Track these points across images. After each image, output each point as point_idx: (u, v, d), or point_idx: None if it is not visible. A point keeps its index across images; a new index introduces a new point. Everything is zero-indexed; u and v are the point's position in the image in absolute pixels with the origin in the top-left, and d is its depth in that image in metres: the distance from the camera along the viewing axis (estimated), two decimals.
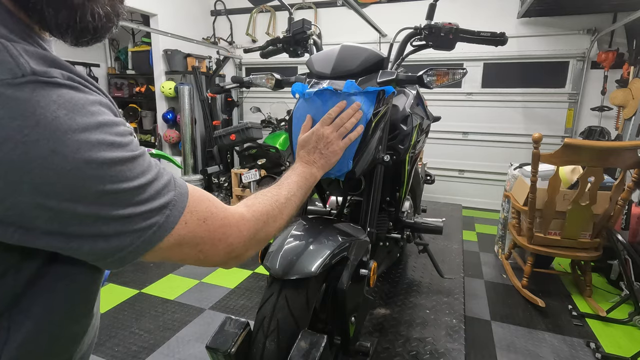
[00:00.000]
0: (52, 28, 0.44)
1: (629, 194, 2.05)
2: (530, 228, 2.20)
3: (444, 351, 1.46)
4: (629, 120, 3.13)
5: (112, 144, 0.41)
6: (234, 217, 0.57)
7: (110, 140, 0.41)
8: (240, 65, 5.13)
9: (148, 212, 0.45)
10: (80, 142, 0.38)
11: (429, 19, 1.35)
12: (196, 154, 4.47)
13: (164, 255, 0.49)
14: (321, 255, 0.94)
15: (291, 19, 1.56)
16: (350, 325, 1.05)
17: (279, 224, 0.68)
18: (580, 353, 1.84)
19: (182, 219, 0.48)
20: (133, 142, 0.45)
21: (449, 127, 4.24)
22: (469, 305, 2.19)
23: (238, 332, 0.84)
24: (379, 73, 1.20)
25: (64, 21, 0.43)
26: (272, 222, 0.65)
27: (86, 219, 0.41)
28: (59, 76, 0.39)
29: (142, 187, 0.44)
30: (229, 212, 0.57)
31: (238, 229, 0.57)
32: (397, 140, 1.36)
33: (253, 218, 0.60)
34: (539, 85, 3.94)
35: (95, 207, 0.40)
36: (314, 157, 0.93)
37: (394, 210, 1.59)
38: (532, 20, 3.83)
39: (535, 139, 2.00)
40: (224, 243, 0.55)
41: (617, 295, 2.26)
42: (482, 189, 4.34)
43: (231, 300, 2.25)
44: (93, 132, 0.40)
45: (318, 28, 1.64)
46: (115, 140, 0.42)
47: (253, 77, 1.43)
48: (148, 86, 4.81)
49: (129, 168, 0.43)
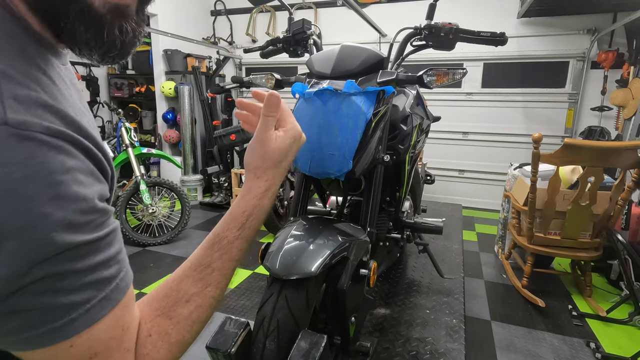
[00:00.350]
0: (82, 46, 0.44)
1: (629, 194, 2.05)
2: (530, 228, 2.20)
3: (444, 351, 1.46)
4: (629, 120, 3.13)
5: (68, 223, 0.36)
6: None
7: (66, 217, 0.36)
8: (240, 65, 5.13)
9: (64, 306, 0.37)
10: (24, 211, 0.34)
11: (429, 19, 1.36)
12: (196, 154, 4.47)
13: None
14: (321, 255, 0.94)
15: (291, 19, 1.56)
16: (350, 325, 1.05)
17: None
18: (580, 353, 1.84)
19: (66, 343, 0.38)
20: (93, 223, 0.39)
21: (449, 127, 4.24)
22: (469, 305, 2.19)
23: (238, 332, 0.84)
24: (379, 73, 1.20)
25: (93, 37, 0.43)
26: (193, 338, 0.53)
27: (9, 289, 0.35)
28: (40, 130, 0.35)
29: (76, 274, 0.37)
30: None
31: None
32: (397, 140, 1.36)
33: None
34: (539, 85, 3.94)
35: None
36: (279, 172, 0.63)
37: (394, 210, 1.59)
38: (532, 20, 3.82)
39: (535, 139, 2.00)
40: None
41: (617, 295, 2.26)
42: (482, 189, 4.33)
43: (231, 300, 2.24)
44: (45, 205, 0.35)
45: (318, 28, 1.64)
46: (72, 220, 0.36)
47: (253, 77, 1.43)
48: (148, 86, 4.81)
49: (76, 253, 0.37)
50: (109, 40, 0.44)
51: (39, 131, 0.35)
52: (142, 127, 5.08)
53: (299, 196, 1.32)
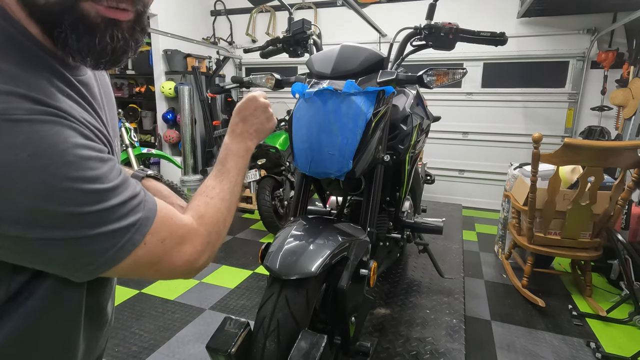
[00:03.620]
0: (74, 53, 0.47)
1: (629, 194, 2.05)
2: (530, 228, 2.20)
3: (444, 351, 1.46)
4: (629, 120, 3.12)
5: (86, 179, 0.43)
6: (189, 234, 0.58)
7: (83, 175, 0.43)
8: (240, 65, 5.13)
9: (110, 232, 0.46)
10: (53, 173, 0.41)
11: (429, 18, 1.36)
12: (196, 154, 4.47)
13: (122, 273, 0.51)
14: (321, 255, 0.94)
15: (291, 19, 1.56)
16: (350, 325, 1.05)
17: (229, 223, 0.68)
18: (580, 353, 1.84)
19: (142, 241, 0.50)
20: (106, 168, 0.46)
21: (449, 127, 4.24)
22: (469, 305, 2.19)
23: (238, 332, 0.84)
24: (379, 73, 1.20)
25: (85, 45, 0.46)
26: (223, 227, 0.66)
27: (57, 232, 0.43)
28: (22, 112, 0.40)
29: (112, 208, 0.46)
30: (185, 228, 0.57)
31: (192, 245, 0.58)
32: (397, 140, 1.36)
33: (206, 231, 0.61)
34: (539, 85, 3.94)
35: (62, 230, 0.43)
36: (250, 128, 0.80)
37: (394, 210, 1.59)
38: (532, 20, 3.82)
39: (535, 138, 2.00)
40: (180, 260, 0.56)
41: (617, 295, 2.26)
42: (482, 189, 4.33)
43: (231, 300, 2.25)
44: (64, 168, 0.41)
45: (318, 28, 1.64)
46: (87, 175, 0.43)
47: (253, 77, 1.43)
48: (148, 86, 4.80)
49: (99, 196, 0.45)
50: (101, 48, 0.47)
51: (20, 113, 0.39)
52: (142, 127, 5.08)
53: (299, 196, 1.32)
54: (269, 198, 3.20)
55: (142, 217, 0.50)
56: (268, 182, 3.30)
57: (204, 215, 0.62)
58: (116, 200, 0.46)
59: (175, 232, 0.55)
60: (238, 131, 0.78)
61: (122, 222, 0.47)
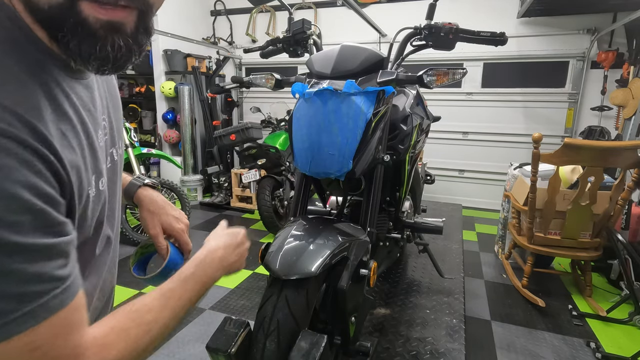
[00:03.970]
0: (76, 57, 0.46)
1: (629, 194, 2.05)
2: (530, 228, 2.20)
3: (444, 351, 1.46)
4: (629, 120, 3.12)
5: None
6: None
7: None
8: (240, 65, 5.13)
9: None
10: None
11: (429, 18, 1.36)
12: (196, 154, 4.47)
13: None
14: (321, 255, 0.94)
15: (291, 19, 1.56)
16: (350, 325, 1.05)
17: (147, 354, 0.52)
18: (580, 353, 1.84)
19: (11, 337, 0.38)
20: (27, 225, 0.38)
21: (449, 127, 4.24)
22: (469, 305, 2.19)
23: (238, 332, 0.84)
24: (379, 73, 1.20)
25: (86, 51, 0.45)
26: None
27: None
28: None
29: (10, 273, 0.37)
30: (72, 352, 0.43)
31: None
32: (397, 140, 1.36)
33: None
34: (539, 85, 3.94)
35: None
36: (230, 258, 0.69)
37: (394, 210, 1.59)
38: (532, 20, 3.82)
39: (535, 138, 2.00)
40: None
41: (617, 295, 2.26)
42: (482, 189, 4.33)
43: (231, 300, 2.25)
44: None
45: (318, 28, 1.64)
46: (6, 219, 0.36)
47: (253, 77, 1.43)
48: (148, 86, 4.80)
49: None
50: (102, 55, 0.46)
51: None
52: (142, 127, 5.08)
53: (299, 196, 1.32)
54: (269, 198, 3.20)
55: (36, 307, 0.38)
56: (268, 182, 3.31)
57: (108, 346, 0.46)
58: (21, 267, 0.37)
59: (55, 348, 0.41)
60: (218, 255, 0.66)
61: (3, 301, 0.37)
